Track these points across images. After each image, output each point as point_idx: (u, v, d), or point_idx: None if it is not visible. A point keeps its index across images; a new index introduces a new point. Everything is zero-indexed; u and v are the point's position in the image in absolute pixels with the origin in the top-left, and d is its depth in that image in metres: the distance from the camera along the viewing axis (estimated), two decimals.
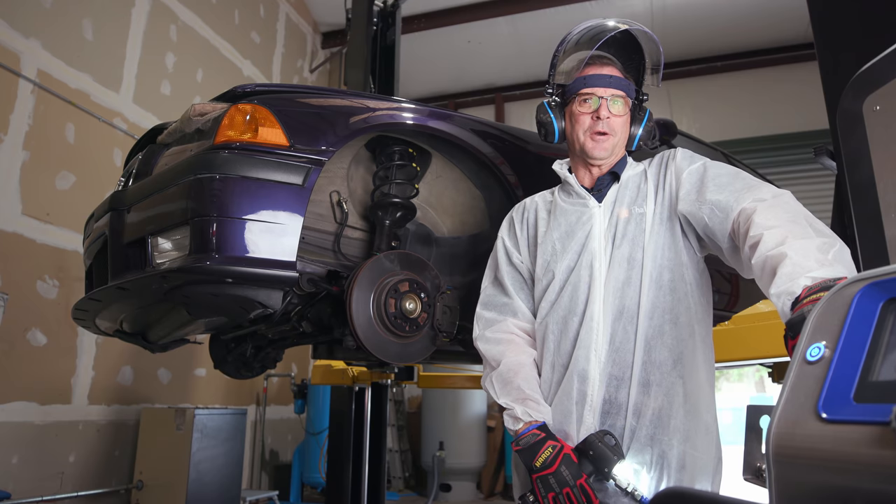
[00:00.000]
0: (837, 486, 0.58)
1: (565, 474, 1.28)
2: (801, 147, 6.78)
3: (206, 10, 5.83)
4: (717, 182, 1.39)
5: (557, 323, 1.48)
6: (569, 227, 1.53)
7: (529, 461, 1.33)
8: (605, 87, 1.52)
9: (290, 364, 6.70)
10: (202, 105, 1.85)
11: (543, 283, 1.54)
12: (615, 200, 1.52)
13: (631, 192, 1.53)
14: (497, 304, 1.61)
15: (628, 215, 1.48)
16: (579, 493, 1.27)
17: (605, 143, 1.52)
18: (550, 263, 1.53)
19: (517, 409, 1.41)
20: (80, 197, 4.30)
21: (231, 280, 1.60)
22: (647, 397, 1.38)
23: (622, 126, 1.54)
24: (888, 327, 0.62)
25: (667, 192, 1.48)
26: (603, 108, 1.51)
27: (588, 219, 1.52)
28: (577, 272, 1.48)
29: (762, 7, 6.54)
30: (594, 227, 1.51)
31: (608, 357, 1.41)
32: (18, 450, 3.85)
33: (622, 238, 1.46)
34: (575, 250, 1.50)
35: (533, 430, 1.37)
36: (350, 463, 3.62)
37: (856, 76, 1.20)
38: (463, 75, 8.14)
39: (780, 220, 1.21)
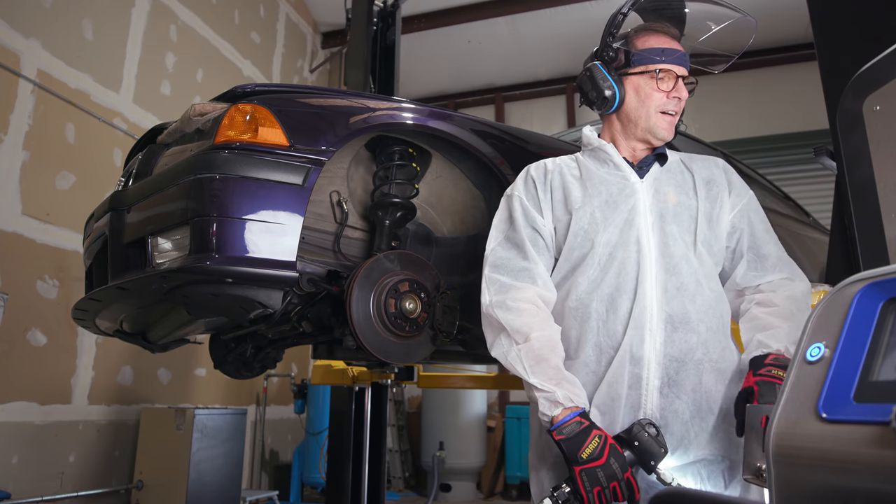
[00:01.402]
0: (837, 486, 0.58)
1: (615, 467, 1.18)
2: (801, 147, 6.78)
3: (206, 10, 5.83)
4: (768, 237, 1.50)
5: (603, 301, 1.38)
6: (610, 196, 1.45)
7: (574, 452, 1.20)
8: (683, 65, 1.47)
9: (290, 364, 6.69)
10: (202, 105, 1.85)
11: (577, 253, 1.43)
12: (659, 180, 1.49)
13: (676, 177, 1.50)
14: (513, 267, 1.43)
15: (677, 200, 1.45)
16: (626, 489, 1.19)
17: (672, 123, 1.49)
18: (589, 232, 1.42)
19: (558, 393, 1.26)
20: (80, 197, 4.30)
21: (231, 280, 1.60)
22: (715, 381, 1.36)
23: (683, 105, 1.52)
24: (888, 327, 0.62)
25: (723, 202, 1.49)
26: (681, 89, 1.46)
27: (632, 193, 1.45)
28: (624, 248, 1.40)
29: (762, 7, 6.50)
30: (639, 203, 1.44)
31: (666, 337, 1.35)
32: (18, 450, 3.84)
33: (674, 217, 1.43)
34: (617, 224, 1.42)
35: (576, 417, 1.24)
36: (350, 463, 3.61)
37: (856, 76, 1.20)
38: (463, 75, 8.14)
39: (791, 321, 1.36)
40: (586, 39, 7.14)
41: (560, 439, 1.23)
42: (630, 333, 1.34)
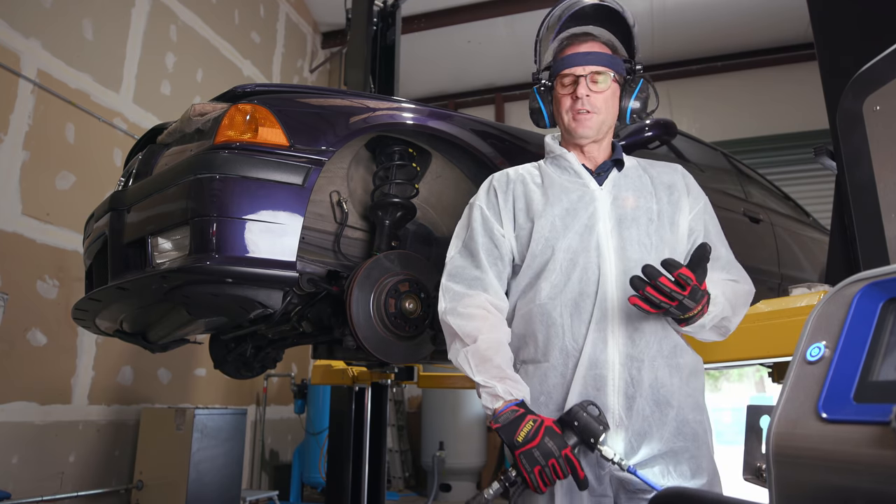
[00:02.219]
0: (837, 486, 0.58)
1: (550, 445, 1.25)
2: (801, 147, 6.78)
3: (206, 10, 5.83)
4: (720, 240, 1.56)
5: (567, 306, 1.42)
6: (570, 204, 1.49)
7: (510, 437, 1.29)
8: (583, 64, 1.50)
9: (290, 364, 6.69)
10: (202, 105, 1.85)
11: (539, 259, 1.47)
12: (617, 185, 1.52)
13: (634, 182, 1.53)
14: (467, 277, 1.49)
15: (636, 204, 1.49)
16: (564, 464, 1.24)
17: (589, 121, 1.50)
18: (550, 239, 1.46)
19: (498, 388, 1.34)
20: (80, 197, 4.30)
21: (231, 280, 1.60)
22: (670, 376, 1.41)
23: (606, 102, 1.51)
24: (888, 327, 0.62)
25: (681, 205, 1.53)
26: (581, 87, 1.49)
27: (591, 200, 1.49)
28: (585, 254, 1.44)
29: (762, 7, 6.54)
30: (598, 209, 1.48)
31: (626, 338, 1.40)
32: (18, 450, 3.84)
33: (632, 221, 1.46)
34: (577, 230, 1.46)
35: (511, 406, 1.32)
36: (350, 463, 3.62)
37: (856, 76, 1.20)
38: (463, 75, 8.14)
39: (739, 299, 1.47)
40: None
41: (497, 427, 1.32)
42: (593, 336, 1.40)
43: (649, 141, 2.34)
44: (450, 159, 2.12)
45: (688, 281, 1.24)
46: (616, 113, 1.56)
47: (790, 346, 1.50)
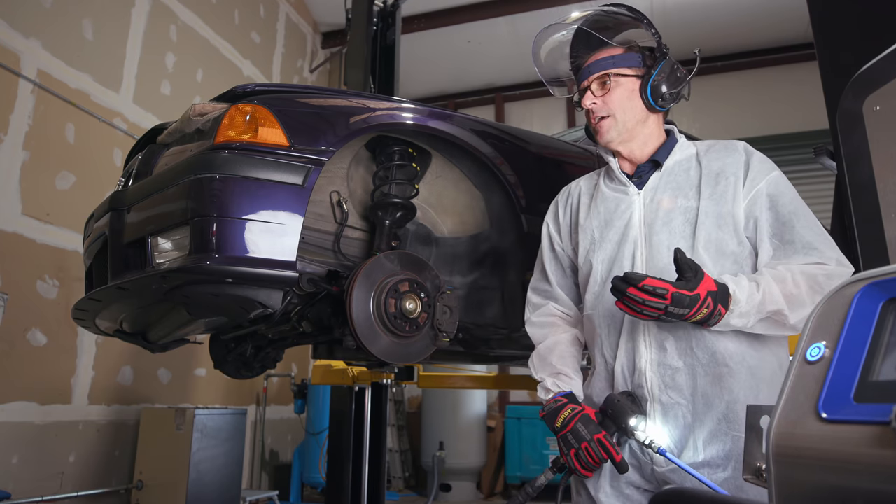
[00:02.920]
0: (837, 486, 0.58)
1: (582, 431, 1.33)
2: (801, 147, 6.78)
3: (206, 10, 5.83)
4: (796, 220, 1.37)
5: (605, 316, 1.46)
6: (608, 214, 1.51)
7: (551, 424, 1.40)
8: (585, 78, 1.51)
9: (290, 364, 6.69)
10: (202, 105, 1.85)
11: (584, 272, 1.54)
12: (656, 187, 1.47)
13: (678, 179, 1.46)
14: (540, 289, 1.66)
15: (671, 206, 1.43)
16: (597, 447, 1.31)
17: (606, 126, 1.50)
18: (589, 253, 1.51)
19: (548, 381, 1.49)
20: (80, 197, 4.30)
21: (231, 280, 1.60)
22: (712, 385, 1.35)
23: (620, 101, 1.48)
24: (888, 327, 0.62)
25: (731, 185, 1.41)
26: (586, 98, 1.51)
27: (627, 207, 1.49)
28: (619, 263, 1.45)
29: (762, 7, 6.54)
30: (633, 216, 1.47)
31: (658, 346, 1.38)
32: (18, 450, 3.84)
33: (663, 225, 1.42)
34: (614, 240, 1.47)
35: (558, 397, 1.43)
36: (350, 463, 3.61)
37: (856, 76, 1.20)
38: (463, 75, 8.14)
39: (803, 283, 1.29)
40: None
41: (542, 416, 1.44)
42: (626, 346, 1.42)
43: None
44: (450, 159, 2.12)
45: (655, 291, 1.21)
46: (641, 106, 1.49)
47: (790, 346, 1.50)
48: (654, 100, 1.47)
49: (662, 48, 1.51)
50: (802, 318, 1.28)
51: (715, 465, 1.33)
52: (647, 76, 1.48)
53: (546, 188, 1.81)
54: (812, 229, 1.36)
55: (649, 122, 1.52)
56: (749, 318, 1.28)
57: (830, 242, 1.35)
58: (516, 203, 2.06)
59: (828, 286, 1.27)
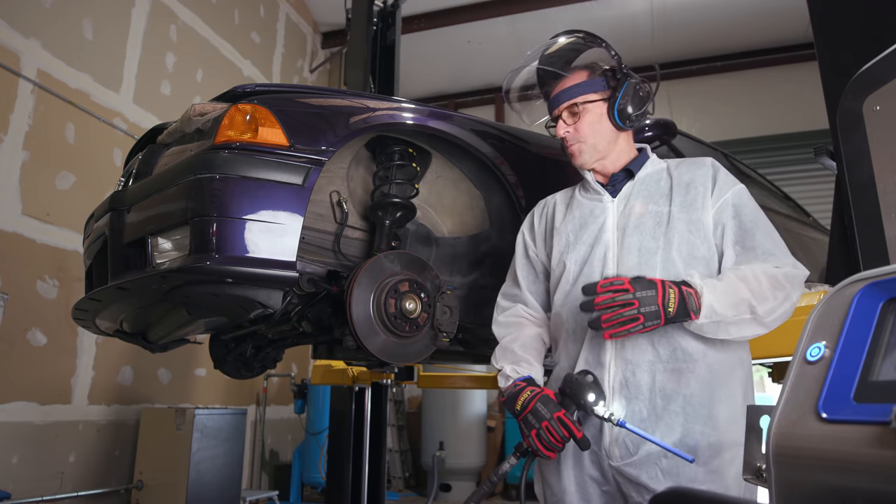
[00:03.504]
0: (837, 486, 0.58)
1: (542, 410, 1.37)
2: (801, 147, 6.78)
3: (206, 10, 5.83)
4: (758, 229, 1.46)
5: (572, 313, 1.51)
6: (582, 219, 1.59)
7: (512, 408, 1.44)
8: (554, 107, 1.59)
9: (290, 364, 6.69)
10: (202, 105, 1.85)
11: (556, 273, 1.59)
12: (630, 195, 1.55)
13: (649, 188, 1.55)
14: (509, 294, 1.72)
15: (643, 211, 1.51)
16: (557, 425, 1.34)
17: (579, 149, 1.57)
18: (563, 255, 1.58)
19: (507, 369, 1.54)
20: (80, 197, 4.30)
21: (231, 280, 1.60)
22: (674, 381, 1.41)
23: (591, 127, 1.55)
24: (888, 327, 0.62)
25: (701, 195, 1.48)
26: (559, 127, 1.59)
27: (601, 212, 1.57)
28: (590, 263, 1.52)
29: (762, 7, 6.53)
30: (607, 220, 1.55)
31: (620, 342, 1.43)
32: (18, 450, 3.84)
33: (634, 229, 1.49)
34: (587, 242, 1.54)
35: (517, 381, 1.48)
36: (350, 463, 3.61)
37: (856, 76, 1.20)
38: (463, 75, 8.14)
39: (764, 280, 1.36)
40: None
41: (503, 402, 1.51)
42: (591, 343, 1.48)
43: (649, 141, 2.34)
44: (450, 159, 2.12)
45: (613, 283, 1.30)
46: (610, 128, 1.57)
47: (790, 346, 1.50)
48: (621, 121, 1.55)
49: (623, 68, 1.57)
50: (769, 310, 1.35)
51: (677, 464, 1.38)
52: (612, 98, 1.55)
53: (546, 188, 1.81)
54: (771, 238, 1.45)
55: (620, 141, 1.61)
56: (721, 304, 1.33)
57: (786, 250, 1.45)
58: (516, 203, 2.06)
59: (786, 283, 1.37)
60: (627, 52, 1.65)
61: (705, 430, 1.39)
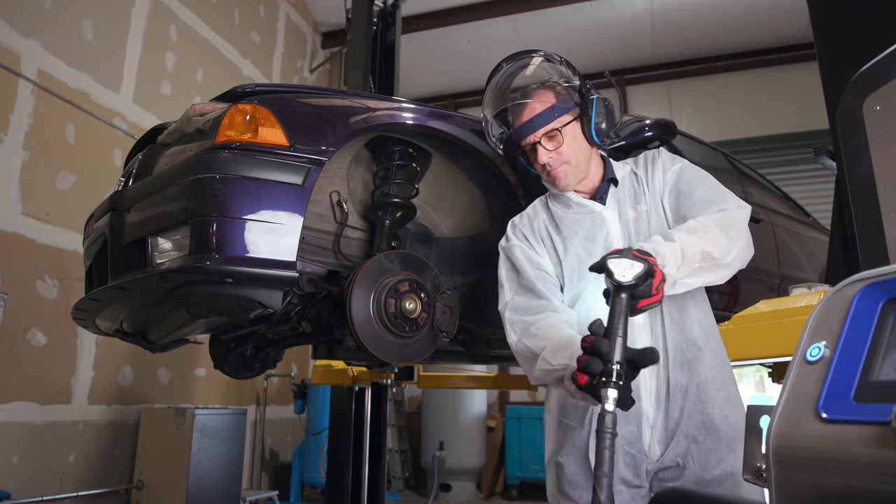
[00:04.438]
0: (837, 486, 0.58)
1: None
2: (801, 147, 6.77)
3: (206, 10, 5.83)
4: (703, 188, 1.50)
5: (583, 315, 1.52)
6: (587, 232, 1.56)
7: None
8: (530, 133, 1.53)
9: (290, 364, 6.69)
10: (202, 105, 1.85)
11: (577, 289, 1.53)
12: (618, 201, 1.57)
13: (628, 191, 1.58)
14: (532, 308, 1.51)
15: (636, 214, 1.54)
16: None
17: (563, 172, 1.55)
18: (581, 272, 1.53)
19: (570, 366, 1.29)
20: (80, 197, 4.30)
21: (231, 280, 1.60)
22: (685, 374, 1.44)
23: (570, 147, 1.54)
24: (888, 327, 0.62)
25: (657, 189, 1.56)
26: (540, 154, 1.54)
27: (601, 221, 1.57)
28: None
29: (762, 7, 6.53)
30: (610, 228, 1.55)
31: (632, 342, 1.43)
32: (18, 450, 3.84)
33: (636, 233, 1.52)
34: (599, 254, 1.49)
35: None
36: (350, 463, 3.62)
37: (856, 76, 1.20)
38: (463, 75, 8.14)
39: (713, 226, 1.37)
40: (586, 40, 7.13)
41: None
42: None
43: (649, 141, 2.34)
44: (450, 159, 2.12)
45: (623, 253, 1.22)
46: (586, 145, 1.56)
47: (790, 346, 1.50)
48: (599, 139, 1.54)
49: (585, 83, 1.55)
50: (725, 250, 1.36)
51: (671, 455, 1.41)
52: (584, 115, 1.53)
53: (546, 188, 1.81)
54: (709, 190, 1.48)
55: (594, 156, 1.62)
56: (679, 262, 1.31)
57: (728, 195, 1.47)
58: (516, 203, 2.06)
59: (732, 223, 1.39)
60: (627, 52, 1.66)
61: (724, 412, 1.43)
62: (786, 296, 1.82)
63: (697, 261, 1.33)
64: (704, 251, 1.33)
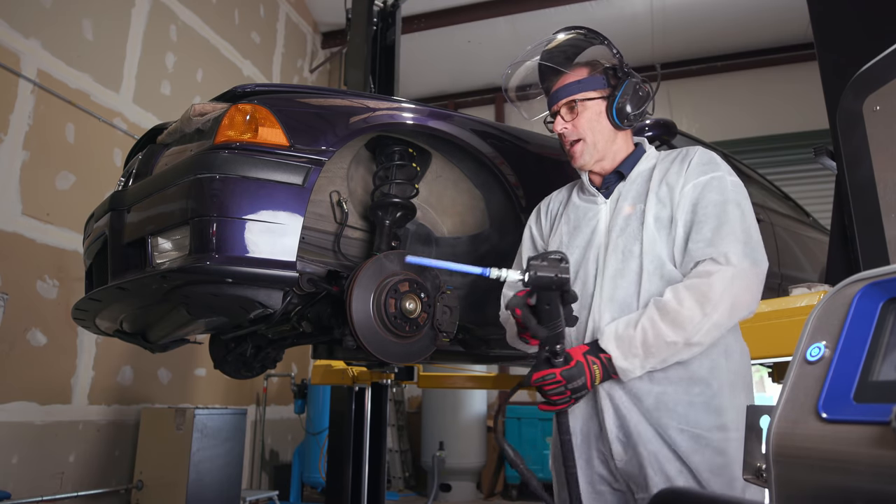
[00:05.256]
0: (837, 486, 0.58)
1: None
2: (801, 147, 6.77)
3: (206, 10, 5.83)
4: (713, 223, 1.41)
5: None
6: (576, 221, 1.59)
7: None
8: (554, 103, 1.58)
9: (290, 364, 6.69)
10: (202, 105, 1.85)
11: None
12: (619, 197, 1.56)
13: (637, 187, 1.54)
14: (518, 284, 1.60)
15: (631, 211, 1.51)
16: None
17: (580, 149, 1.56)
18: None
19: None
20: (80, 197, 4.30)
21: (231, 280, 1.60)
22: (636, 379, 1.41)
23: (590, 123, 1.54)
24: (888, 327, 0.62)
25: (670, 190, 1.47)
26: (557, 124, 1.57)
27: (594, 214, 1.57)
28: (584, 266, 1.53)
29: (762, 7, 6.53)
30: (599, 223, 1.55)
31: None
32: (18, 450, 3.84)
33: (620, 231, 1.50)
34: (580, 245, 1.55)
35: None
36: (350, 463, 3.62)
37: (856, 76, 1.20)
38: (463, 75, 8.14)
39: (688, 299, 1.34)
40: None
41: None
42: (586, 341, 1.48)
43: (649, 141, 2.34)
44: (450, 159, 2.12)
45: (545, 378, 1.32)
46: (608, 126, 1.56)
47: (790, 346, 1.50)
48: (619, 120, 1.54)
49: (624, 67, 1.55)
50: (695, 329, 1.33)
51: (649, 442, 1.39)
52: (612, 97, 1.54)
53: (546, 188, 1.81)
54: (717, 231, 1.39)
55: (618, 140, 1.59)
56: (637, 353, 1.35)
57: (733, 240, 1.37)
58: (516, 203, 2.06)
59: (710, 289, 1.33)
60: (627, 52, 1.64)
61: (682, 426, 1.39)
62: (786, 296, 1.83)
63: (664, 352, 1.34)
64: (668, 341, 1.33)
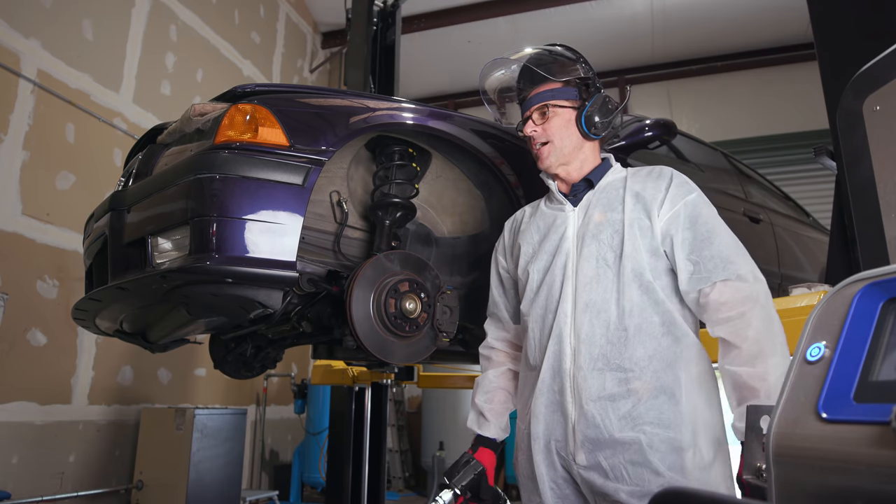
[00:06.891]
0: (837, 486, 0.58)
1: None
2: (801, 147, 6.78)
3: (206, 10, 5.83)
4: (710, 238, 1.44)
5: (537, 321, 1.56)
6: (546, 228, 1.62)
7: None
8: (527, 109, 1.65)
9: (290, 364, 6.70)
10: (202, 105, 1.85)
11: (522, 282, 1.64)
12: (589, 204, 1.58)
13: (608, 195, 1.56)
14: (491, 311, 1.78)
15: (602, 218, 1.52)
16: None
17: (546, 151, 1.61)
18: (528, 264, 1.61)
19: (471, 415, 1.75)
20: (80, 197, 4.30)
21: (231, 280, 1.60)
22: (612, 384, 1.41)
23: (557, 129, 1.59)
24: (888, 327, 0.62)
25: (647, 204, 1.49)
26: (528, 127, 1.63)
27: (563, 221, 1.60)
28: (552, 272, 1.55)
29: (762, 7, 6.54)
30: (568, 229, 1.58)
31: (575, 350, 1.46)
32: (18, 450, 3.85)
33: (592, 238, 1.51)
34: (549, 251, 1.58)
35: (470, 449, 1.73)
36: (350, 463, 3.62)
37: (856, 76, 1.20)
38: (463, 75, 8.14)
39: (757, 330, 1.34)
40: (586, 40, 7.14)
41: None
42: (553, 348, 1.50)
43: (649, 141, 2.34)
44: (450, 159, 2.12)
45: None
46: (577, 134, 1.60)
47: (790, 346, 1.51)
48: (587, 128, 1.60)
49: (596, 83, 1.64)
50: (777, 345, 1.35)
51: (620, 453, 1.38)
52: (581, 108, 1.61)
53: (546, 188, 1.81)
54: (728, 245, 1.44)
55: (585, 149, 1.63)
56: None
57: (744, 254, 1.44)
58: (516, 203, 2.06)
59: (771, 314, 1.37)
60: (627, 52, 1.66)
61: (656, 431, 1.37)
62: (786, 296, 1.83)
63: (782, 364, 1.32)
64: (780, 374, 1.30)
